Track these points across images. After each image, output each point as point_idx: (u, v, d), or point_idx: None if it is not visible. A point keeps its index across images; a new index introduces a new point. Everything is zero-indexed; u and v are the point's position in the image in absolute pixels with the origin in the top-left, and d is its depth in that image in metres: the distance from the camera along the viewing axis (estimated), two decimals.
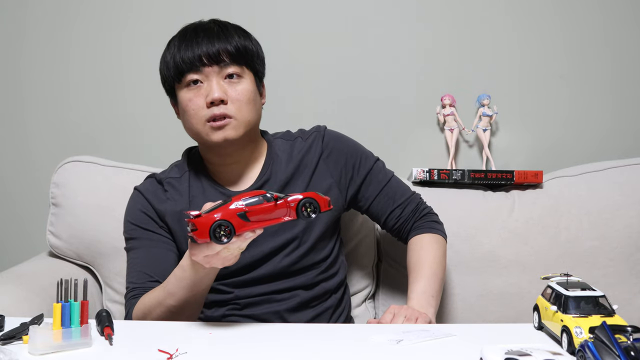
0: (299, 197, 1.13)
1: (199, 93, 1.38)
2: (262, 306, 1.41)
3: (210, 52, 1.37)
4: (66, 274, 1.21)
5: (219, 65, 1.38)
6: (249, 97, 1.40)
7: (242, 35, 1.43)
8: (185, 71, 1.38)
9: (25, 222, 2.08)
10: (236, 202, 1.11)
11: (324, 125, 1.56)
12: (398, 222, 1.53)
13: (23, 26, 2.05)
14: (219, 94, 1.36)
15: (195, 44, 1.38)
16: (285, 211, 1.13)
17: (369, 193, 1.53)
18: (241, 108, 1.39)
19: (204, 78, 1.38)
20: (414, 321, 1.26)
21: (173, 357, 0.98)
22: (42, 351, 0.99)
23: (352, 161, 1.51)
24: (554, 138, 1.99)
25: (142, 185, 1.50)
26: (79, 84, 2.05)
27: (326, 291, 1.48)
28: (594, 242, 1.73)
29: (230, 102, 1.38)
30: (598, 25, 1.98)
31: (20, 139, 2.07)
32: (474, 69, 1.99)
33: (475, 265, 1.74)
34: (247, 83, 1.41)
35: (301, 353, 1.04)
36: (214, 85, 1.37)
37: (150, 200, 1.46)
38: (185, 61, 1.37)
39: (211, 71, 1.37)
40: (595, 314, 1.00)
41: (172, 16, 1.96)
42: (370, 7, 2.00)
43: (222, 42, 1.38)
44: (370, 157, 1.55)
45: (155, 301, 1.30)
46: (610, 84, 1.99)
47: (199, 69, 1.37)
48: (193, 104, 1.38)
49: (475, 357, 0.96)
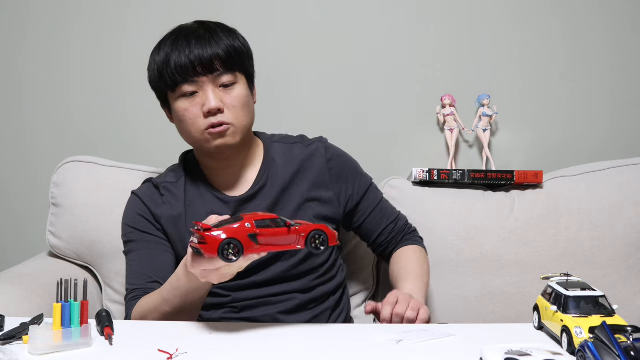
0: (310, 227, 1.13)
1: (194, 102, 1.38)
2: (259, 309, 1.42)
3: (203, 60, 1.36)
4: (66, 274, 1.21)
5: (213, 75, 1.37)
6: (243, 102, 1.40)
7: (230, 36, 1.42)
8: (180, 82, 1.37)
9: (25, 222, 2.08)
10: (247, 221, 1.09)
11: (326, 138, 1.57)
12: (389, 236, 1.58)
13: (23, 26, 2.05)
14: (215, 103, 1.36)
15: (188, 52, 1.36)
16: (295, 239, 1.12)
17: (364, 209, 1.56)
18: (238, 114, 1.39)
19: (199, 88, 1.38)
20: (416, 312, 1.26)
21: (173, 357, 0.98)
22: (42, 351, 1.00)
23: (352, 178, 1.54)
24: (554, 138, 1.99)
25: (139, 190, 1.51)
26: (79, 84, 2.05)
27: (324, 294, 1.48)
28: (594, 242, 1.73)
29: (227, 109, 1.38)
30: (598, 25, 1.98)
31: (20, 139, 2.07)
32: (474, 69, 1.99)
33: (475, 265, 1.74)
34: (241, 88, 1.41)
35: (301, 353, 1.05)
36: (209, 95, 1.36)
37: (147, 204, 1.46)
38: (179, 71, 1.36)
39: (205, 81, 1.37)
40: (595, 314, 1.00)
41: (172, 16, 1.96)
42: (370, 7, 2.00)
43: (213, 47, 1.37)
44: (367, 177, 1.59)
45: (152, 306, 1.30)
46: (610, 84, 1.99)
47: (193, 80, 1.37)
48: (190, 113, 1.38)
49: (475, 357, 0.96)
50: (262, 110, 1.94)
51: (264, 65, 2.00)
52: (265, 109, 1.97)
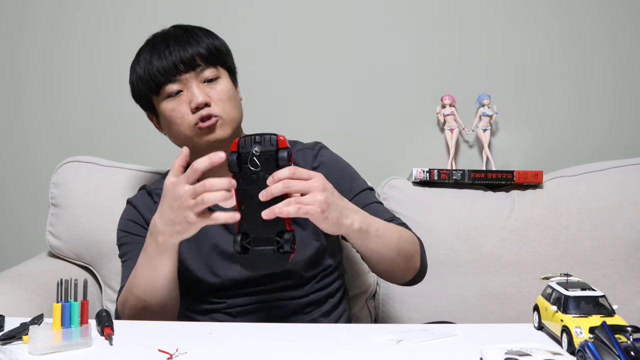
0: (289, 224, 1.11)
1: (180, 101, 1.38)
2: (256, 314, 1.40)
3: (184, 58, 1.36)
4: (66, 274, 1.20)
5: (195, 71, 1.37)
6: (229, 95, 1.40)
7: (210, 36, 1.43)
8: (163, 82, 1.37)
9: (24, 223, 2.08)
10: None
11: (321, 144, 1.52)
12: None
13: (22, 26, 2.05)
14: (202, 97, 1.36)
15: (168, 53, 1.36)
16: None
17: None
18: (225, 107, 1.39)
19: (183, 86, 1.38)
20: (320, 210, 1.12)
21: (173, 357, 0.98)
22: (42, 351, 0.99)
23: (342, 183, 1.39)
24: (554, 138, 1.99)
25: (134, 198, 1.51)
26: (78, 84, 2.05)
27: (322, 297, 1.46)
28: (594, 242, 1.73)
29: (214, 103, 1.38)
30: (598, 25, 1.98)
31: (20, 140, 2.07)
32: (474, 69, 1.99)
33: (475, 265, 1.74)
34: (225, 82, 1.41)
35: (301, 353, 1.04)
36: (195, 90, 1.36)
37: (141, 210, 1.46)
38: (161, 72, 1.36)
39: (189, 77, 1.37)
40: (595, 314, 1.00)
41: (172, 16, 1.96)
42: (370, 6, 2.00)
43: (193, 47, 1.38)
44: (362, 182, 1.49)
45: (128, 287, 1.29)
46: (610, 85, 1.99)
47: (177, 78, 1.37)
48: (177, 112, 1.38)
49: (475, 357, 0.95)
50: (262, 110, 1.95)
51: (264, 65, 2.01)
52: (266, 109, 1.98)
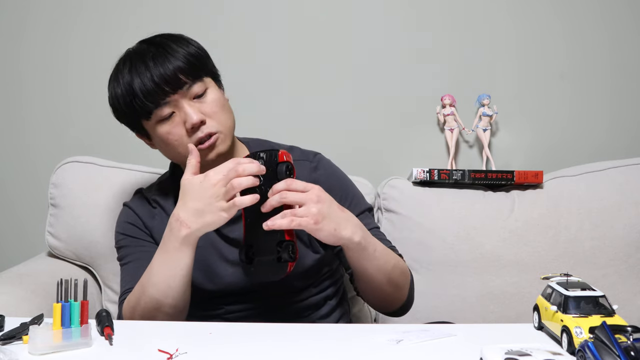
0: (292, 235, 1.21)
1: (174, 123, 1.33)
2: (254, 319, 1.40)
3: (167, 78, 1.30)
4: (66, 274, 1.20)
5: (183, 90, 1.32)
6: (220, 104, 1.36)
7: (182, 44, 1.36)
8: (153, 108, 1.32)
9: (24, 223, 2.08)
10: None
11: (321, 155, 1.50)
12: None
13: (22, 26, 2.05)
14: (197, 117, 1.31)
15: (150, 75, 1.31)
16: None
17: None
18: (220, 119, 1.35)
19: (174, 107, 1.33)
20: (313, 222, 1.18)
21: (173, 357, 0.98)
22: (42, 351, 0.99)
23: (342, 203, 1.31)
24: (554, 138, 1.99)
25: (131, 201, 1.49)
26: (77, 85, 2.05)
27: (320, 300, 1.45)
28: (594, 242, 1.73)
29: (209, 119, 1.33)
30: (598, 25, 1.98)
31: (19, 140, 2.07)
32: (474, 69, 1.99)
33: (475, 265, 1.74)
34: (213, 92, 1.36)
35: (301, 353, 1.04)
36: (188, 110, 1.31)
37: (139, 214, 1.44)
38: (148, 98, 1.31)
39: (178, 98, 1.32)
40: (595, 314, 1.00)
41: (172, 16, 1.97)
42: (370, 6, 2.00)
43: (171, 62, 1.32)
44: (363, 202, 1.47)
45: (139, 290, 1.28)
46: (610, 84, 1.99)
47: (166, 101, 1.32)
48: (173, 135, 1.33)
49: (475, 357, 0.95)
50: (262, 110, 1.95)
51: (264, 65, 2.01)
52: (266, 109, 1.98)
